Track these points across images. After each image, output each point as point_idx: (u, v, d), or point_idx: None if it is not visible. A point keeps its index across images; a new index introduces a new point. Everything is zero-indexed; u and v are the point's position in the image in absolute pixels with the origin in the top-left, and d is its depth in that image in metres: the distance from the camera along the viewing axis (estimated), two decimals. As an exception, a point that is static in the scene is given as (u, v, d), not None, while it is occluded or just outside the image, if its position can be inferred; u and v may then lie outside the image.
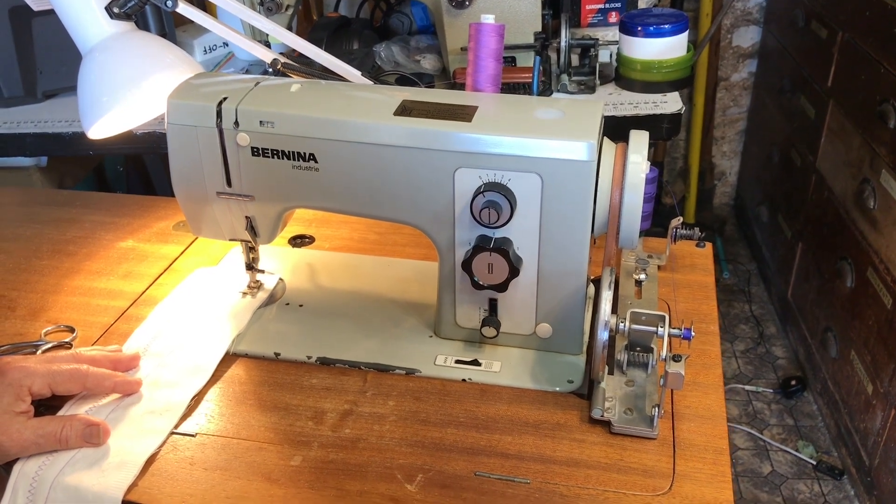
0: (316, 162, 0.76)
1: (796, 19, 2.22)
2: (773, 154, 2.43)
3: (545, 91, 1.27)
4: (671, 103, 1.23)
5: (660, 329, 0.70)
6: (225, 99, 0.76)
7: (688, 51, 1.29)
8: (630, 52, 1.27)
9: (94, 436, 0.67)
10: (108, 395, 0.74)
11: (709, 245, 0.97)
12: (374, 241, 1.00)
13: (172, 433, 0.71)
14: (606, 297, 0.68)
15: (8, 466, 0.67)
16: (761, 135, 2.62)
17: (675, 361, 0.69)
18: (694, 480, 0.65)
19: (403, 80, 1.31)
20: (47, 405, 0.72)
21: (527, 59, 1.30)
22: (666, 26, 1.24)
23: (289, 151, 0.76)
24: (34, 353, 0.81)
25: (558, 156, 0.70)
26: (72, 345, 0.83)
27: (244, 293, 0.89)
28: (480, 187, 0.72)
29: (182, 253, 0.99)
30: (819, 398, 2.01)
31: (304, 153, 0.75)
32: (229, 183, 0.79)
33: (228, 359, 0.81)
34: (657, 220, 2.73)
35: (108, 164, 1.98)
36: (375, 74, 1.24)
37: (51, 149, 1.34)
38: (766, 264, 2.49)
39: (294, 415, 0.73)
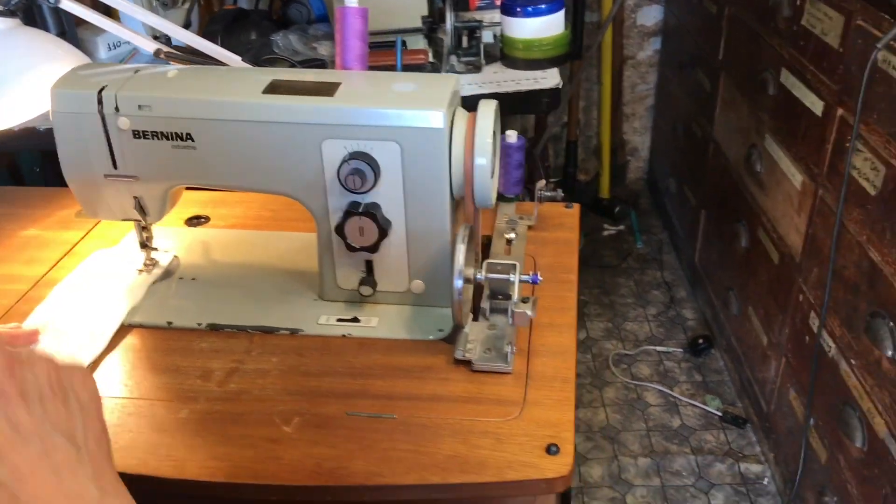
0: (193, 141, 0.82)
1: (691, -3, 2.33)
2: (678, 128, 2.55)
3: (433, 71, 1.34)
4: (550, 79, 1.32)
5: (511, 276, 0.78)
6: (105, 87, 0.82)
7: (565, 28, 1.37)
8: (511, 32, 1.35)
9: None
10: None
11: (576, 206, 1.05)
12: (268, 217, 1.06)
13: (68, 397, 0.77)
14: (460, 249, 0.76)
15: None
16: (667, 110, 2.74)
17: (524, 303, 0.77)
18: (541, 406, 0.73)
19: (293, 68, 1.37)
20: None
21: (416, 42, 1.37)
22: (542, 6, 1.32)
23: (167, 132, 0.81)
24: (-65, 335, 0.85)
25: (414, 124, 0.77)
26: (-27, 326, 0.87)
27: (140, 270, 0.94)
28: (346, 157, 0.79)
29: (83, 238, 1.04)
30: (725, 354, 2.13)
31: (182, 133, 0.81)
32: (115, 165, 0.85)
33: (124, 330, 0.86)
34: (572, 198, 2.83)
35: (24, 164, 1.99)
36: (270, 63, 1.30)
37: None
38: (676, 233, 2.61)
39: (183, 375, 0.79)
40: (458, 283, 0.75)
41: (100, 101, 0.81)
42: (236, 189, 0.85)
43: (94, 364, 0.81)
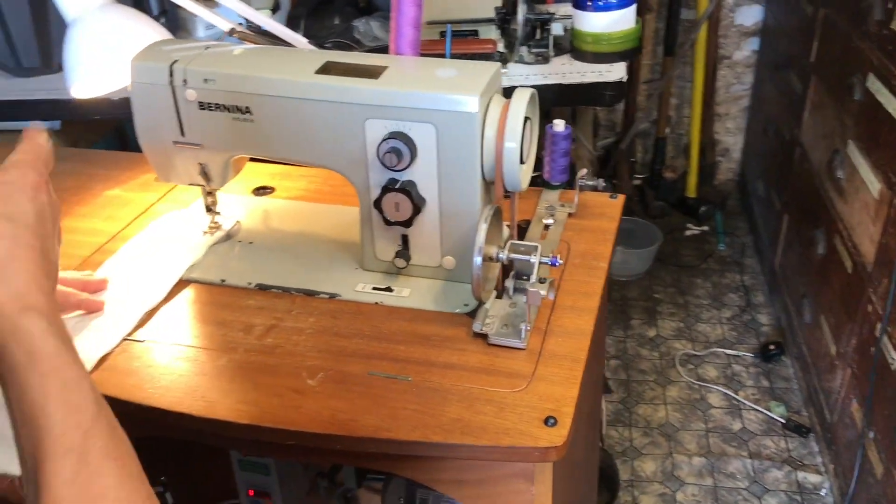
0: (251, 114, 0.89)
1: (792, -3, 2.28)
2: (769, 130, 2.50)
3: (502, 61, 1.38)
4: (615, 72, 1.34)
5: (532, 257, 0.82)
6: (176, 61, 0.90)
7: (636, 24, 1.39)
8: (581, 26, 1.38)
9: None
10: (74, 311, 0.88)
11: (621, 196, 1.07)
12: (328, 192, 1.13)
13: (124, 339, 0.86)
14: (482, 228, 0.80)
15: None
16: (760, 111, 2.69)
17: (540, 283, 0.81)
18: (548, 381, 0.77)
19: (368, 52, 1.43)
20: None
21: (488, 32, 1.41)
22: (614, 1, 1.34)
23: (228, 105, 0.89)
24: (22, 276, 0.96)
25: (449, 108, 0.82)
26: (54, 271, 0.97)
27: (204, 232, 1.03)
28: (385, 136, 0.84)
29: (158, 200, 1.13)
30: (795, 362, 2.09)
31: (241, 106, 0.89)
32: (182, 133, 0.93)
33: (182, 284, 0.95)
34: (658, 197, 2.81)
35: (130, 130, 2.14)
36: (335, 46, 1.36)
37: (62, 114, 1.50)
38: (760, 237, 2.56)
39: (228, 328, 0.87)
40: (478, 259, 0.80)
41: (171, 74, 0.90)
42: (289, 161, 0.92)
43: (153, 311, 0.90)
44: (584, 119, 1.63)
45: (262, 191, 1.15)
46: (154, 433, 0.81)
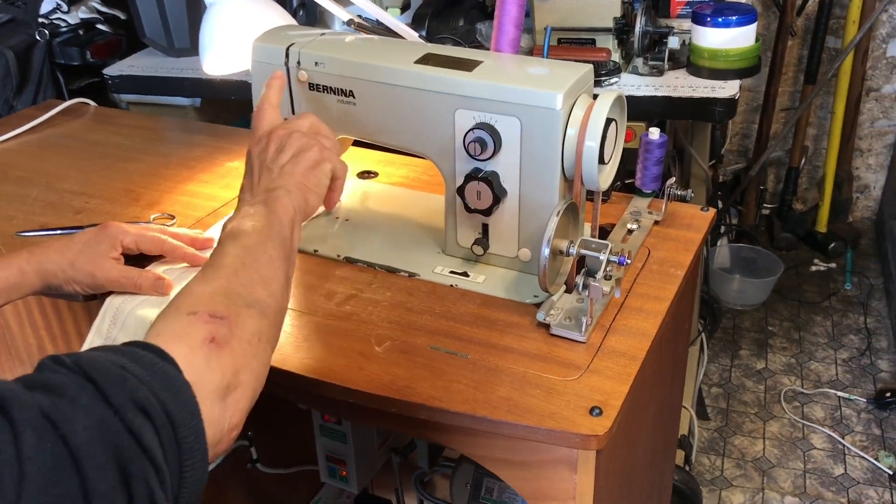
0: (354, 98, 0.95)
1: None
2: (916, 169, 2.37)
3: (615, 70, 1.39)
4: (727, 89, 1.32)
5: (601, 254, 0.84)
6: (292, 44, 0.98)
7: (756, 41, 1.37)
8: (699, 41, 1.37)
9: (160, 287, 0.91)
10: (181, 263, 0.97)
11: (712, 210, 1.07)
12: (426, 180, 1.19)
13: (220, 292, 0.94)
14: (553, 220, 0.83)
15: (102, 298, 0.92)
16: (908, 149, 2.55)
17: (606, 280, 0.83)
18: (601, 375, 0.79)
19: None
20: (138, 262, 0.97)
21: (605, 42, 1.43)
22: (733, 17, 1.33)
23: (334, 87, 0.96)
24: (141, 228, 1.06)
25: (534, 103, 0.86)
26: (170, 228, 1.07)
27: (306, 206, 1.10)
28: (472, 126, 0.88)
29: (272, 174, 1.22)
30: (911, 413, 1.98)
31: (346, 90, 0.95)
32: (293, 111, 1.01)
33: (278, 250, 1.02)
34: (785, 229, 2.71)
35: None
36: (440, 41, 1.41)
37: (204, 92, 1.63)
38: (892, 280, 2.43)
39: (313, 292, 0.94)
40: (546, 250, 0.83)
41: (287, 56, 0.97)
42: (386, 145, 0.97)
43: (248, 272, 0.98)
44: (701, 136, 1.61)
45: (366, 174, 1.22)
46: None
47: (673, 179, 1.02)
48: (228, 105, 1.70)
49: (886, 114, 2.67)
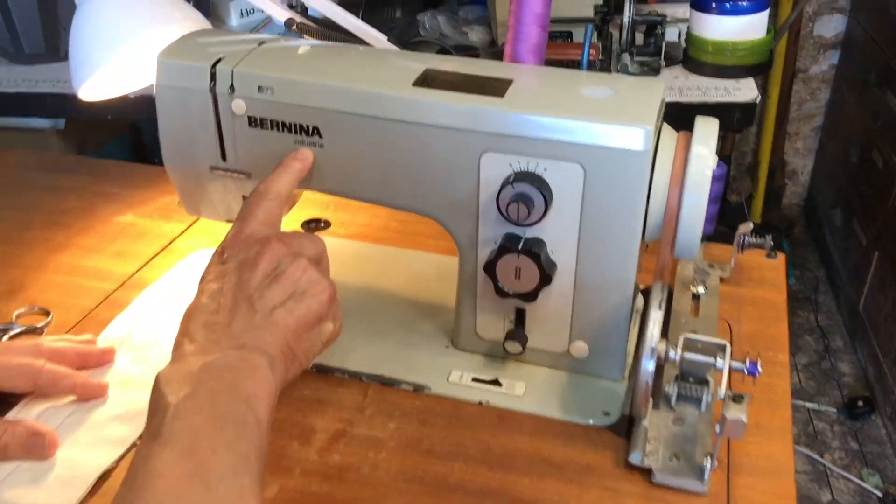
0: (320, 137, 0.65)
1: (888, 6, 2.03)
2: (852, 153, 2.25)
3: (602, 71, 1.14)
4: (745, 91, 1.09)
5: (718, 361, 0.58)
6: (221, 59, 0.66)
7: (767, 33, 1.14)
8: (701, 32, 1.13)
9: (37, 447, 0.58)
10: (66, 396, 0.64)
11: (781, 256, 0.83)
12: (396, 229, 0.89)
13: (135, 444, 0.61)
14: (655, 318, 0.56)
15: (-56, 472, 0.58)
16: (839, 132, 2.44)
17: (736, 403, 0.56)
18: (750, 552, 0.53)
19: (445, 53, 1.19)
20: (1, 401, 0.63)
21: (581, 35, 1.17)
22: (744, 3, 1.10)
23: (290, 123, 0.65)
24: (0, 338, 0.72)
25: (606, 143, 0.58)
26: (43, 330, 0.74)
27: (242, 282, 0.78)
28: (510, 177, 0.60)
29: (183, 232, 0.89)
30: (889, 423, 1.84)
31: (307, 126, 0.64)
32: (224, 157, 0.69)
33: (214, 358, 0.70)
34: (721, 221, 2.56)
35: (147, 131, 1.89)
36: (413, 46, 1.12)
37: (70, 111, 1.26)
38: (836, 272, 2.31)
39: (278, 432, 0.63)
40: (649, 364, 0.56)
41: (213, 78, 0.65)
42: (367, 202, 0.67)
43: (173, 401, 0.66)
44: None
45: (314, 224, 0.91)
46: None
47: (750, 225, 0.77)
48: (99, 125, 1.33)
49: (813, 95, 2.55)
